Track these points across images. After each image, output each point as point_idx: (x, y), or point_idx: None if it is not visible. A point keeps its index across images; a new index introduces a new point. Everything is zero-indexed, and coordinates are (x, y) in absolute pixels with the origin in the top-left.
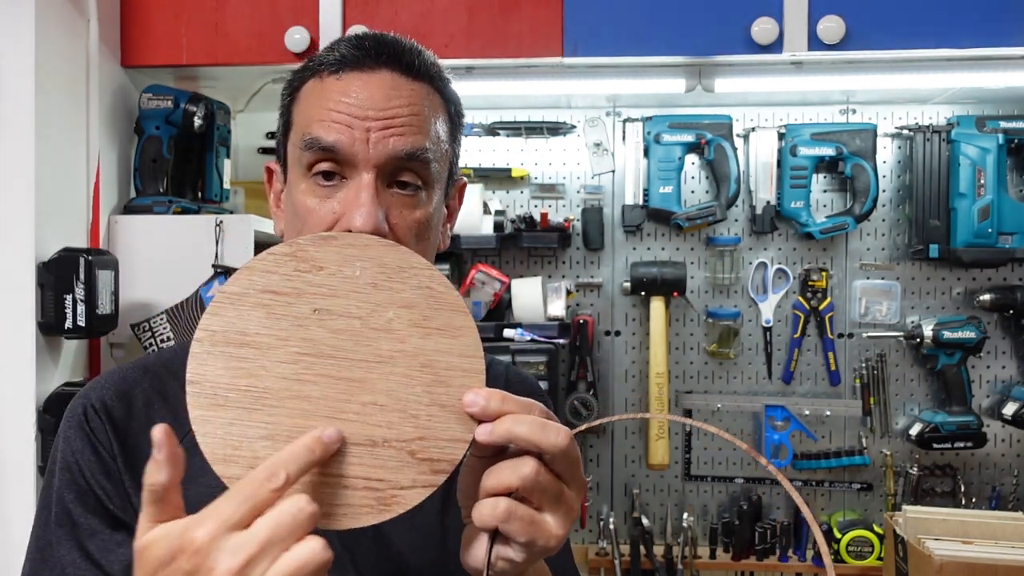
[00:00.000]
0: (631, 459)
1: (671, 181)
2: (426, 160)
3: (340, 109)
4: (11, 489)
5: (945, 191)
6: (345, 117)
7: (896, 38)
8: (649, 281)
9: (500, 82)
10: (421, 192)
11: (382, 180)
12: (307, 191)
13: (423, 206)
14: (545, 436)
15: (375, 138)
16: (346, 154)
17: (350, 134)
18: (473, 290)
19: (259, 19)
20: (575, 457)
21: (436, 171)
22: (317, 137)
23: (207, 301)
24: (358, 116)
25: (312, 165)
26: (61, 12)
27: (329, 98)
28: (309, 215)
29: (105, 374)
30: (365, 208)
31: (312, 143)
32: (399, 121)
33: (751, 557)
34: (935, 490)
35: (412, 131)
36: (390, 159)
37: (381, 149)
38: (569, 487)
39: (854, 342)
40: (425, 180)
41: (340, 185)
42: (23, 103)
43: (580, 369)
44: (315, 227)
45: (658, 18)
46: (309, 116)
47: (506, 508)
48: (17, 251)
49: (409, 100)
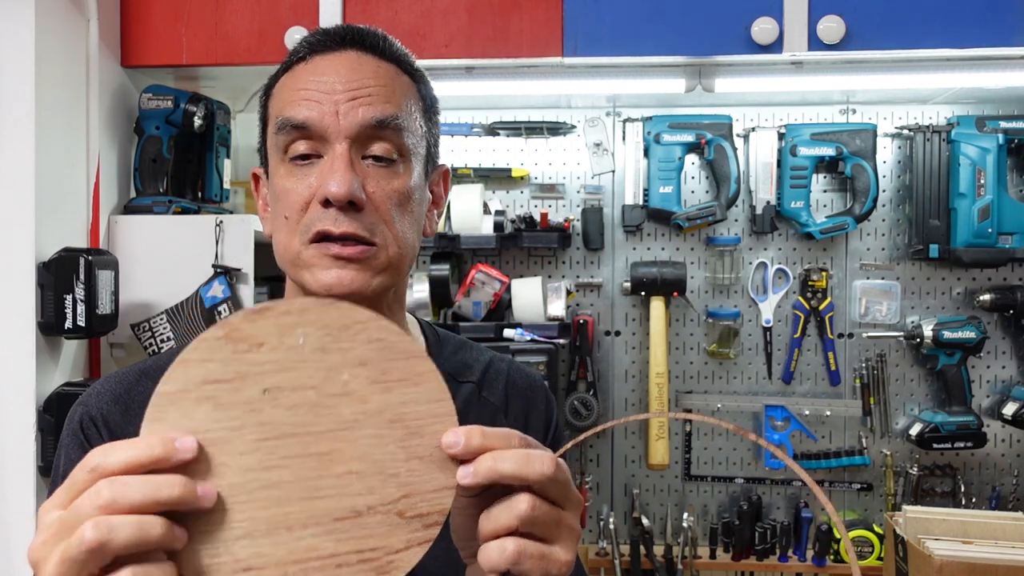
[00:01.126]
0: (631, 459)
1: (671, 181)
2: (398, 128)
3: (308, 87)
4: (11, 489)
5: (945, 191)
6: (313, 94)
7: (896, 38)
8: (649, 281)
9: (500, 82)
10: (398, 164)
11: (356, 151)
12: (285, 174)
13: (401, 176)
14: (531, 467)
15: (344, 109)
16: (317, 129)
17: (319, 109)
18: (473, 290)
19: (259, 19)
20: (565, 479)
21: (412, 143)
22: (288, 117)
23: (207, 301)
24: (326, 91)
25: (287, 148)
26: (61, 12)
27: (298, 81)
28: (287, 195)
29: (103, 380)
30: (339, 175)
31: (284, 123)
32: (366, 91)
33: (751, 557)
34: (935, 490)
35: (380, 100)
36: (361, 128)
37: (351, 119)
38: (566, 509)
39: (854, 342)
40: (400, 150)
41: (316, 163)
42: (23, 103)
43: (580, 369)
44: (293, 205)
45: (658, 18)
46: (281, 104)
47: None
48: (17, 251)
49: (375, 73)
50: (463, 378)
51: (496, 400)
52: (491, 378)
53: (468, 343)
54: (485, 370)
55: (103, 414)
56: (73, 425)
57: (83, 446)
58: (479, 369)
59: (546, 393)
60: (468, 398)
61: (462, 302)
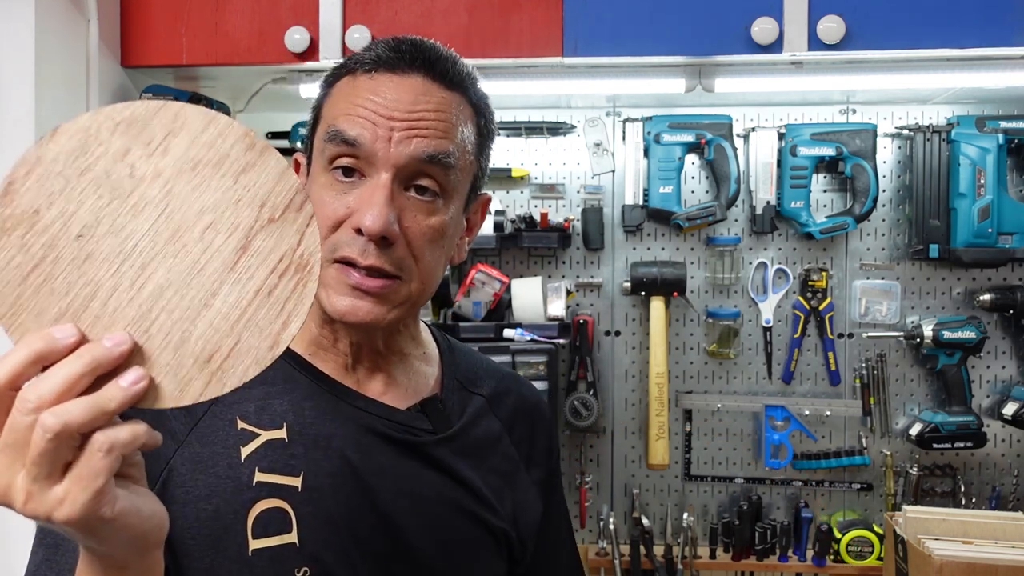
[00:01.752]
0: (631, 459)
1: (671, 181)
2: (447, 165)
3: (367, 106)
4: None
5: (945, 191)
6: (371, 114)
7: (896, 38)
8: (649, 281)
9: (500, 82)
10: (439, 199)
11: (399, 182)
12: (325, 184)
13: (439, 213)
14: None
15: (397, 137)
16: (367, 150)
17: (373, 130)
18: (473, 290)
19: (259, 19)
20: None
21: (456, 180)
22: (341, 130)
23: None
24: (383, 115)
25: (333, 159)
26: (61, 12)
27: (358, 95)
28: (323, 207)
29: None
30: (377, 208)
31: (335, 135)
32: (424, 124)
33: (751, 557)
34: (935, 490)
35: (436, 135)
36: (410, 160)
37: (402, 149)
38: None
39: (854, 342)
40: (444, 187)
41: (359, 183)
42: (23, 103)
43: (580, 369)
44: (325, 219)
45: (658, 18)
46: (337, 110)
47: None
48: None
49: (438, 106)
50: (474, 388)
51: (503, 417)
52: (501, 393)
53: (479, 353)
54: (496, 385)
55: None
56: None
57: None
58: (491, 383)
59: (549, 413)
60: (478, 410)
61: (462, 302)
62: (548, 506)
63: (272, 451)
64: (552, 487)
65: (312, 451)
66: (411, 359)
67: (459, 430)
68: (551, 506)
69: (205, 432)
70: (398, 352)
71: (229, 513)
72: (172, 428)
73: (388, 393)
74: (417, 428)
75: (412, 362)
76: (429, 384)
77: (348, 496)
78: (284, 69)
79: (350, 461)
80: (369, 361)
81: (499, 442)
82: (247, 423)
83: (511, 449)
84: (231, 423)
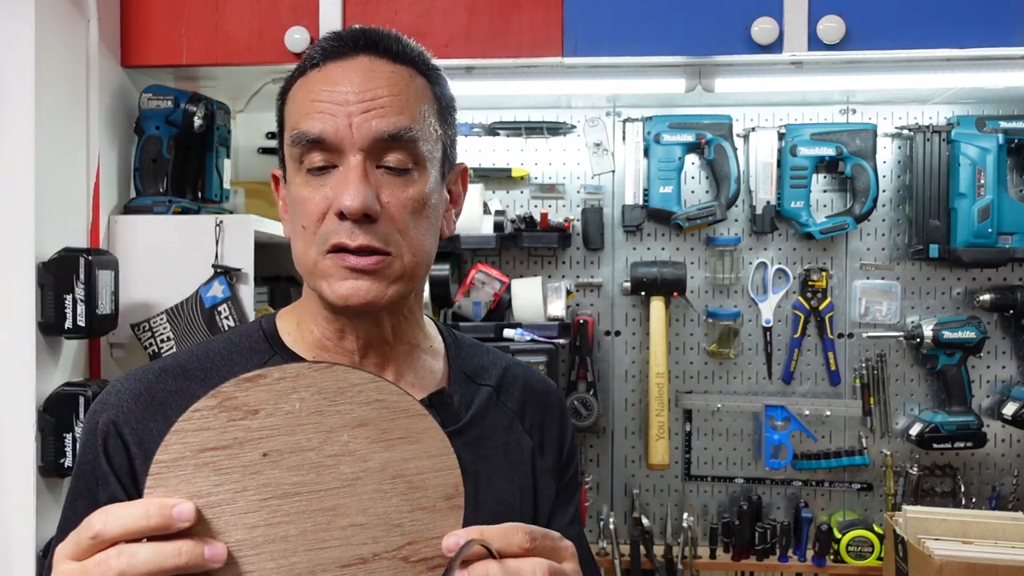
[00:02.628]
0: (631, 459)
1: (671, 181)
2: (412, 139)
3: (322, 99)
4: (11, 489)
5: (945, 191)
6: (327, 106)
7: (896, 38)
8: (649, 281)
9: (500, 82)
10: (412, 172)
11: (371, 162)
12: (302, 184)
13: (415, 184)
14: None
15: (357, 122)
16: (332, 142)
17: (333, 122)
18: (473, 290)
19: (259, 19)
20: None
21: (426, 151)
22: (304, 131)
23: (207, 301)
24: (339, 103)
25: (302, 159)
26: (61, 12)
27: (312, 91)
28: (304, 205)
29: (121, 379)
30: (353, 187)
31: (300, 137)
32: (379, 103)
33: (751, 557)
34: (935, 490)
35: (393, 111)
36: (374, 141)
37: (364, 132)
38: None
39: (854, 342)
40: (415, 159)
41: (332, 173)
42: (23, 103)
43: (580, 369)
44: (310, 216)
45: (658, 18)
46: (296, 112)
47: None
48: (17, 251)
49: (388, 81)
50: (481, 380)
51: (512, 405)
52: (508, 382)
53: (484, 346)
54: (503, 374)
55: (124, 414)
56: (93, 430)
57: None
58: (496, 373)
59: (560, 400)
60: (486, 401)
61: (462, 302)
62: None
63: None
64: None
65: None
66: (419, 352)
67: (468, 422)
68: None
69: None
70: (407, 343)
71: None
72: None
73: None
74: None
75: (420, 356)
76: (436, 378)
77: None
78: (284, 69)
79: None
80: (377, 356)
81: (510, 431)
82: None
83: (524, 437)
84: None
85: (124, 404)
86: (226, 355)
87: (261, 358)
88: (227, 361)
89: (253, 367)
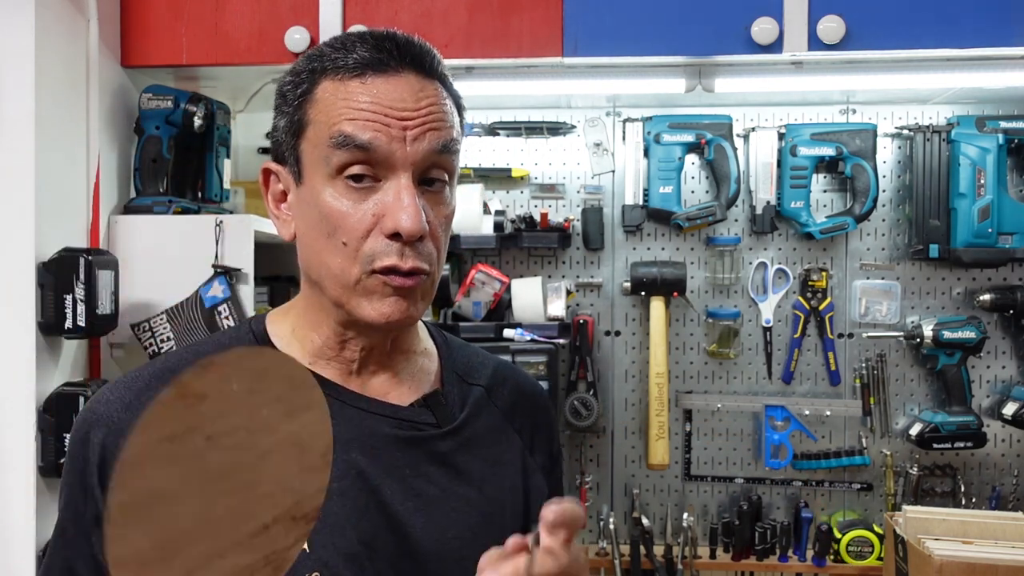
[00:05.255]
0: (631, 459)
1: (671, 181)
2: (456, 151)
3: (372, 108)
4: (11, 489)
5: (945, 191)
6: (380, 116)
7: (896, 38)
8: (649, 281)
9: (500, 82)
10: (446, 187)
11: (415, 180)
12: (337, 195)
13: (448, 202)
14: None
15: (412, 135)
16: (383, 152)
17: (387, 132)
18: (473, 290)
19: (259, 19)
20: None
21: (457, 163)
22: (351, 135)
23: (207, 301)
24: (394, 116)
25: (344, 167)
26: (61, 12)
27: (355, 98)
28: (343, 219)
29: (111, 386)
30: (411, 209)
31: (345, 141)
32: (432, 118)
33: (751, 557)
34: (935, 490)
35: (444, 125)
36: (428, 155)
37: (418, 147)
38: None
39: (854, 342)
40: (450, 173)
41: (374, 188)
42: (23, 103)
43: (580, 369)
44: (352, 230)
45: (658, 18)
46: (335, 115)
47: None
48: (17, 251)
49: (436, 98)
50: (472, 380)
51: (503, 405)
52: (498, 382)
53: (471, 346)
54: (492, 375)
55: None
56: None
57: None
58: (487, 373)
59: (547, 400)
60: (478, 400)
61: (462, 302)
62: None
63: None
64: (554, 475)
65: None
66: (413, 356)
67: (462, 422)
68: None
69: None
70: (405, 351)
71: None
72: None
73: (392, 392)
74: (421, 423)
75: (414, 359)
76: (430, 379)
77: (355, 498)
78: (284, 69)
79: (356, 463)
80: (376, 363)
81: (502, 431)
82: None
83: (515, 437)
84: None
85: (115, 416)
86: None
87: None
88: None
89: None
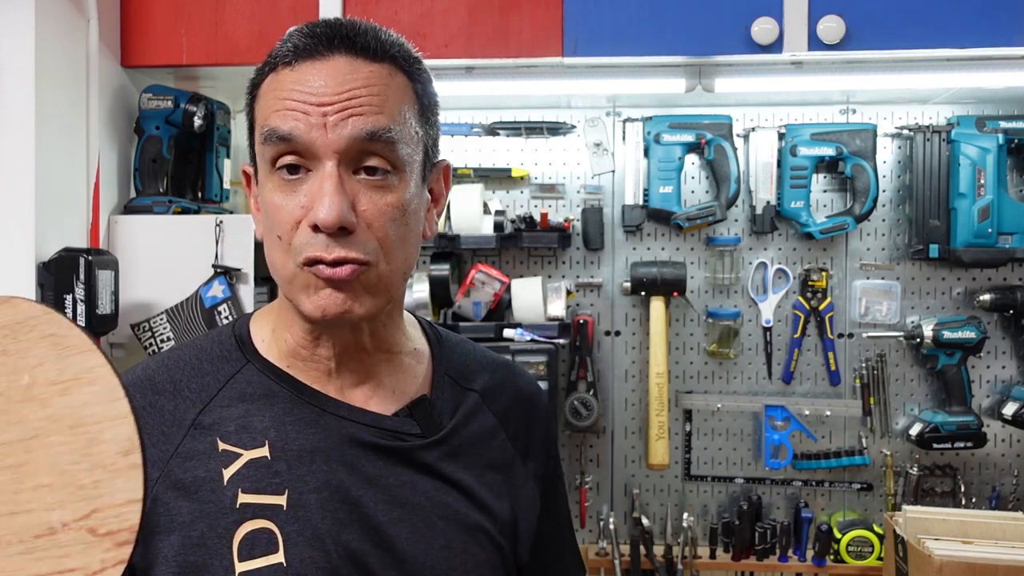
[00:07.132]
0: (631, 459)
1: (671, 181)
2: (390, 141)
3: (294, 97)
4: None
5: (945, 191)
6: (300, 104)
7: (896, 38)
8: (649, 281)
9: (500, 82)
10: (391, 176)
11: (346, 167)
12: (274, 188)
13: (395, 190)
14: None
15: (332, 121)
16: (304, 142)
17: (306, 120)
18: (473, 290)
19: (259, 19)
20: None
21: (406, 154)
22: (274, 128)
23: (207, 301)
24: (313, 103)
25: (275, 160)
26: (61, 12)
27: (283, 88)
28: (277, 212)
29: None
30: (328, 198)
31: (270, 135)
32: (356, 102)
33: (751, 557)
34: (935, 490)
35: (372, 111)
36: (351, 142)
37: (340, 132)
38: None
39: (854, 342)
40: (394, 163)
41: (305, 178)
42: (23, 103)
43: (580, 369)
44: (283, 224)
45: (658, 18)
46: (268, 109)
47: None
48: (17, 251)
49: (367, 81)
50: (467, 384)
51: (498, 411)
52: (495, 386)
53: (470, 344)
54: (490, 377)
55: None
56: None
57: None
58: (484, 376)
59: (546, 402)
60: (472, 407)
61: (462, 302)
62: (548, 499)
63: (255, 470)
64: (552, 481)
65: (296, 467)
66: (399, 357)
67: (450, 431)
68: (552, 499)
69: (186, 457)
70: (386, 350)
71: (214, 537)
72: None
73: (374, 398)
74: (405, 433)
75: (400, 361)
76: (418, 382)
77: (335, 510)
78: None
79: (336, 474)
80: (354, 363)
81: (493, 437)
82: (228, 443)
83: (507, 444)
84: (212, 445)
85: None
86: (196, 364)
87: (232, 367)
88: (197, 371)
89: (223, 377)
